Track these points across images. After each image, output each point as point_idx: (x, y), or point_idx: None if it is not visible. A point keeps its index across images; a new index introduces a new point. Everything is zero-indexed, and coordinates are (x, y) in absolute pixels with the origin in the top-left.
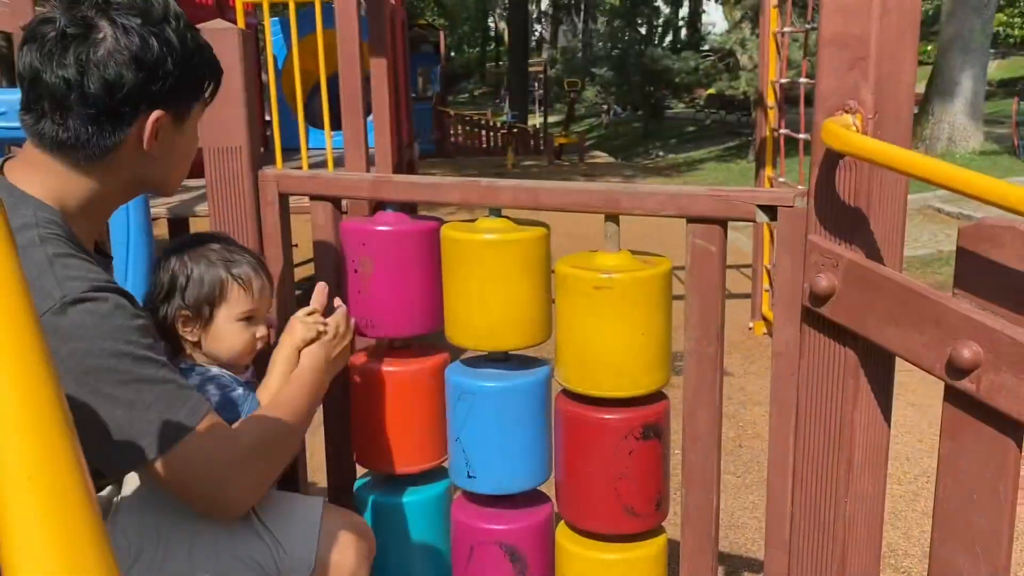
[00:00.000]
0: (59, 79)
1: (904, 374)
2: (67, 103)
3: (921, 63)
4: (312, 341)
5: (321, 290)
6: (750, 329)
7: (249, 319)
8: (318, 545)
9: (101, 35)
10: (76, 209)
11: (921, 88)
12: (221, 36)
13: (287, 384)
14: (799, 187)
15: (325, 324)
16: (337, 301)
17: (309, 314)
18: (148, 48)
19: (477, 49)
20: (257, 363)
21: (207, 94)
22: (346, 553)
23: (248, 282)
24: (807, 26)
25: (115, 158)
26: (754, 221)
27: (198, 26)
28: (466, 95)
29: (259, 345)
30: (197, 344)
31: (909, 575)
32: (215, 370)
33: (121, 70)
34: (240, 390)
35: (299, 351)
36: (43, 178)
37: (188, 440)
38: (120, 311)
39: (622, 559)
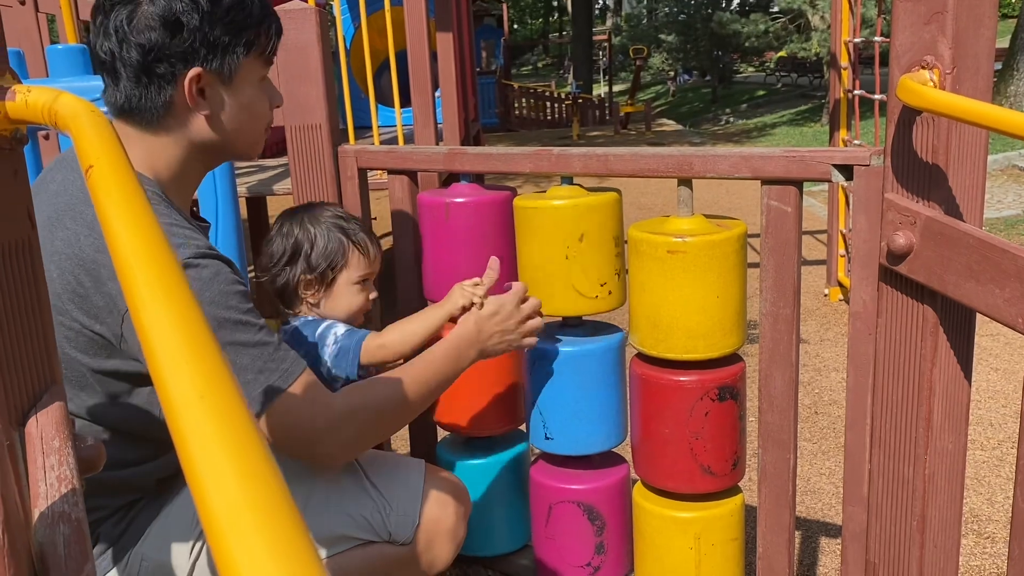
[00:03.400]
0: (106, 51)
1: (988, 339)
2: (116, 70)
3: (1005, 16)
4: (466, 310)
5: (492, 265)
6: (825, 295)
7: (364, 282)
8: (421, 503)
9: (136, 3)
10: (166, 177)
11: (1005, 43)
12: (299, 16)
13: (424, 353)
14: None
15: (482, 298)
16: (516, 285)
17: (474, 285)
18: (172, 9)
19: (540, 20)
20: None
21: (260, 50)
22: (446, 511)
23: (366, 248)
24: None
25: (171, 120)
26: (830, 181)
27: (277, 7)
28: (529, 67)
29: (370, 306)
30: (316, 305)
31: (993, 540)
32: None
33: (150, 34)
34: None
35: (451, 316)
36: (130, 150)
37: (282, 400)
38: (221, 276)
39: (699, 517)
